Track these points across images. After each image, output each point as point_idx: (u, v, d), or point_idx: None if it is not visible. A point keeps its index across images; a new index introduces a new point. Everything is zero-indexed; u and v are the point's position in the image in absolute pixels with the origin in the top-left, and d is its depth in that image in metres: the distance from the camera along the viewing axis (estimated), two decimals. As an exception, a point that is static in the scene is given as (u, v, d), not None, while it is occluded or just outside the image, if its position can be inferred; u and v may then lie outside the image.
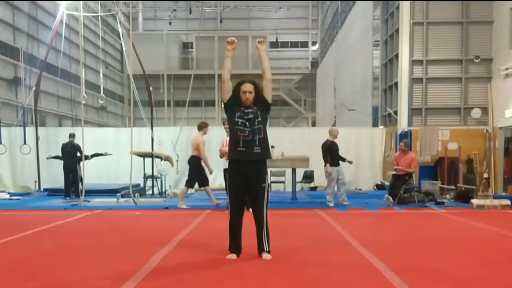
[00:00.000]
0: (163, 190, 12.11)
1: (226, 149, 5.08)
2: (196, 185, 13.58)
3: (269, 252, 4.90)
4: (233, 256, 4.90)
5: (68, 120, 23.23)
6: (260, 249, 4.91)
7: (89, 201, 10.37)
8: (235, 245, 4.94)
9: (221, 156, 8.75)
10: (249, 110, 4.80)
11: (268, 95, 4.91)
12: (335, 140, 10.02)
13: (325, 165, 9.86)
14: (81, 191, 10.74)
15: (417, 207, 9.78)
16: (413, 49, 13.47)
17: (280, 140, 12.54)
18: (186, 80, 26.94)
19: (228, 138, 9.42)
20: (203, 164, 9.67)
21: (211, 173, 9.82)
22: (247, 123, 4.74)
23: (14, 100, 18.40)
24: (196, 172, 9.70)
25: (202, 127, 9.96)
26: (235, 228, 4.91)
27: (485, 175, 12.70)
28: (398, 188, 9.99)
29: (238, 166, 4.82)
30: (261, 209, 4.85)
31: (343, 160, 10.06)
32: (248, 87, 4.78)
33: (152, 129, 12.77)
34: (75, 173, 11.29)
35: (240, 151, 4.76)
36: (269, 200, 5.00)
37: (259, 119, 4.78)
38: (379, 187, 13.50)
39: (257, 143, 4.75)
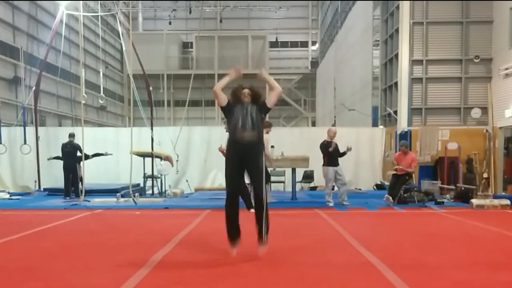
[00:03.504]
0: (163, 190, 12.11)
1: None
2: (196, 184, 13.72)
3: (266, 242, 4.95)
4: (234, 250, 4.98)
5: (68, 120, 23.22)
6: (259, 239, 4.97)
7: (89, 201, 10.37)
8: (233, 229, 5.00)
9: (223, 154, 8.79)
10: (248, 107, 5.06)
11: (271, 100, 5.16)
12: (334, 140, 10.02)
13: (323, 164, 9.91)
14: (81, 191, 10.74)
15: (417, 207, 9.78)
16: (413, 49, 13.48)
17: (280, 140, 12.54)
18: (186, 80, 26.94)
19: None
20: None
21: (274, 169, 9.95)
22: (246, 116, 4.99)
23: (14, 100, 18.40)
24: (265, 170, 9.80)
25: (266, 126, 9.93)
26: (230, 212, 4.99)
27: (485, 175, 12.71)
28: (398, 188, 9.99)
29: (236, 147, 5.01)
30: (259, 189, 4.94)
31: (343, 154, 10.04)
32: (246, 91, 5.14)
33: (152, 129, 12.77)
34: (75, 173, 11.28)
35: (237, 133, 4.98)
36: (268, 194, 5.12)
37: (256, 113, 5.04)
38: (379, 187, 13.49)
39: (252, 130, 4.96)
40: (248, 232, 5.02)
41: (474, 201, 9.76)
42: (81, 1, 12.42)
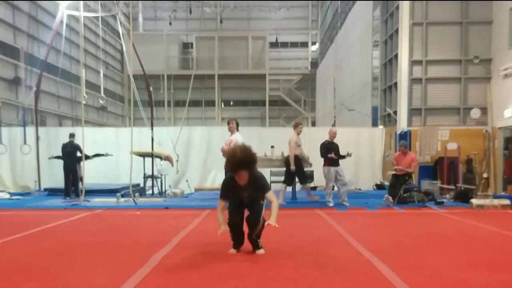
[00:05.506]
0: (163, 190, 12.12)
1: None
2: (196, 184, 13.73)
3: (261, 247, 5.17)
4: (234, 251, 5.18)
5: (68, 120, 23.24)
6: (254, 248, 5.17)
7: (89, 201, 10.37)
8: (236, 242, 5.21)
9: (224, 155, 8.78)
10: (245, 194, 5.11)
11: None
12: (335, 140, 10.03)
13: (323, 165, 9.92)
14: (81, 191, 10.74)
15: (416, 207, 9.78)
16: (412, 49, 13.48)
17: (280, 140, 12.52)
18: (186, 80, 26.99)
19: (231, 138, 9.46)
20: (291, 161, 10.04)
21: (292, 170, 10.08)
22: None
23: (14, 100, 18.42)
24: (301, 169, 10.21)
25: (295, 126, 10.54)
26: (234, 229, 5.11)
27: (485, 175, 12.72)
28: (398, 188, 9.99)
29: None
30: (256, 216, 5.11)
31: (343, 157, 10.05)
32: (242, 174, 4.96)
33: (152, 129, 12.78)
34: (75, 173, 11.29)
35: None
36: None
37: (254, 199, 5.14)
38: (379, 187, 13.50)
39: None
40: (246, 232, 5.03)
41: (474, 201, 9.76)
42: (81, 1, 12.42)
